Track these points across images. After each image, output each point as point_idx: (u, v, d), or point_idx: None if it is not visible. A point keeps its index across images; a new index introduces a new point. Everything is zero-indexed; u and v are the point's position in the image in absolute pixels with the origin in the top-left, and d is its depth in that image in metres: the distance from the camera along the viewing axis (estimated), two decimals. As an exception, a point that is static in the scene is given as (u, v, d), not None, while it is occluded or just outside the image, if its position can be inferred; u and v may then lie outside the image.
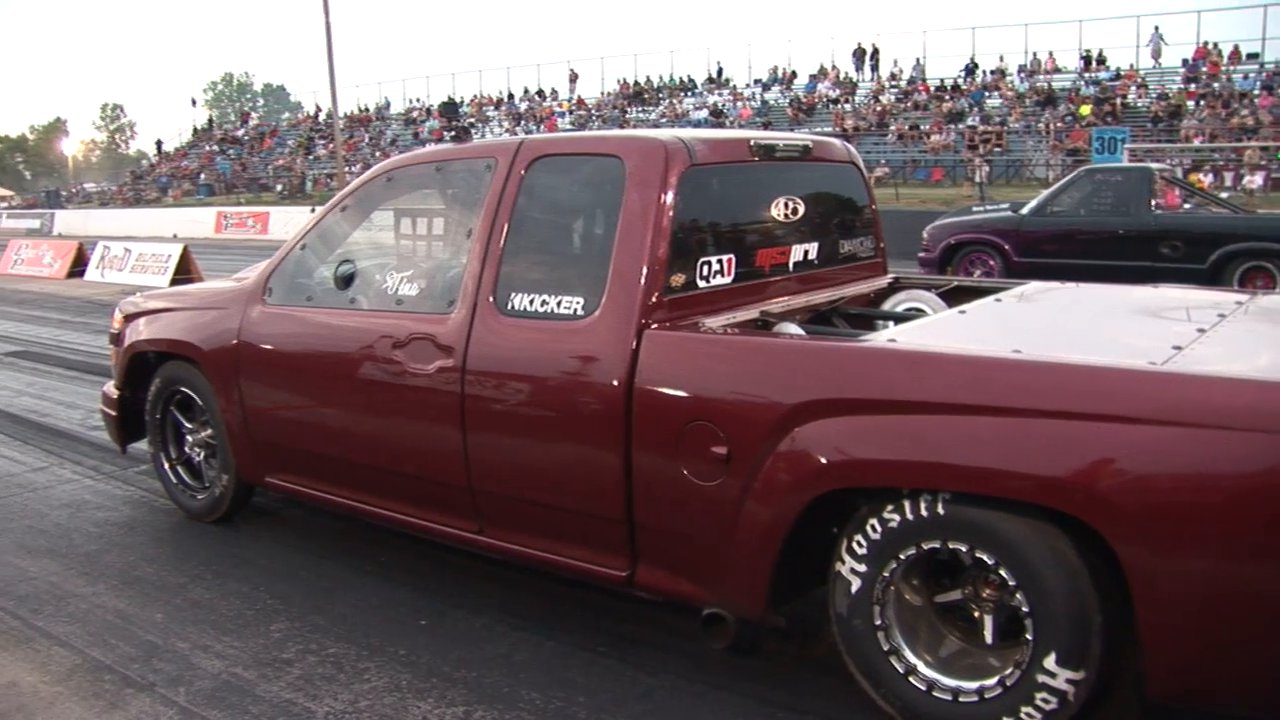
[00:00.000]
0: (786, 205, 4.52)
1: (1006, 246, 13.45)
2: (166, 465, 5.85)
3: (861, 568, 3.41)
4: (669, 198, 3.86)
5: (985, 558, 3.18)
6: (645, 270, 3.79)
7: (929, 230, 14.52)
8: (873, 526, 3.36)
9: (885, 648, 3.42)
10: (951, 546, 3.24)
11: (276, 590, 4.78)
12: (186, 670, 4.06)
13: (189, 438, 5.74)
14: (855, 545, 3.41)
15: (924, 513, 3.25)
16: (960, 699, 3.29)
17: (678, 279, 3.91)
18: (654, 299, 3.80)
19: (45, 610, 4.64)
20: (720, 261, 4.13)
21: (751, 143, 4.42)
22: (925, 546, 3.29)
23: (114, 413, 6.13)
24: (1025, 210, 13.77)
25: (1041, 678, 3.10)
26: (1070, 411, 3.00)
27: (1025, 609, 3.13)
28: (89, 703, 3.84)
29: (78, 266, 21.90)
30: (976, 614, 3.37)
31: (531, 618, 4.41)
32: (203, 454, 5.70)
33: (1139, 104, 36.34)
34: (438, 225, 5.12)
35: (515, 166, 4.27)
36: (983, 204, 19.44)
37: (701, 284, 4.03)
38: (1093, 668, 3.05)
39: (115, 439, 6.28)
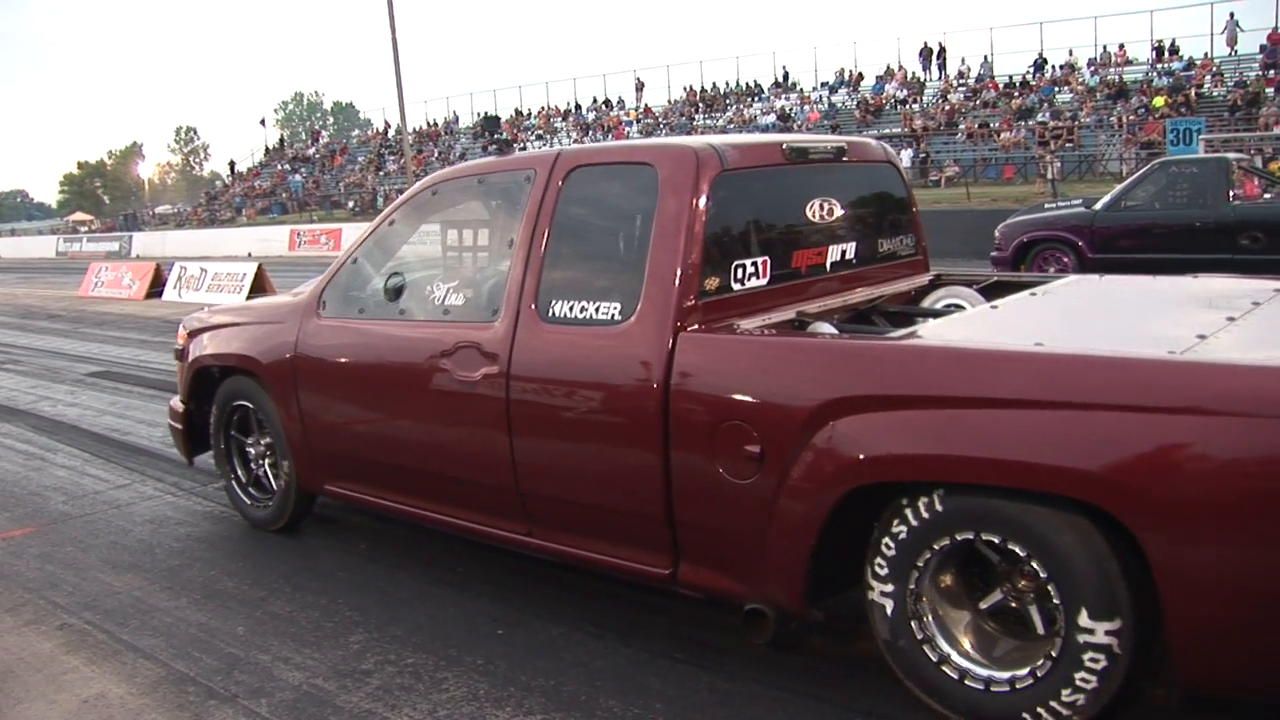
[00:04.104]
0: (822, 207, 4.56)
1: (1080, 243, 13.22)
2: (233, 480, 5.99)
3: (888, 587, 3.47)
4: (702, 203, 3.92)
5: (1016, 549, 3.19)
6: (679, 274, 3.85)
7: (1001, 229, 14.31)
8: (906, 516, 3.39)
9: (934, 658, 3.44)
10: (962, 538, 3.29)
11: (354, 602, 4.82)
12: (268, 682, 4.10)
13: (251, 450, 5.86)
14: (885, 549, 3.45)
15: (939, 508, 3.29)
16: (1018, 686, 3.28)
17: (712, 282, 3.96)
18: (689, 302, 3.86)
19: (131, 624, 4.72)
20: (755, 264, 4.17)
21: (784, 146, 4.46)
22: (959, 537, 3.31)
23: (180, 426, 6.30)
24: (1099, 206, 13.52)
25: (1082, 638, 3.08)
26: (1089, 402, 3.02)
27: (1043, 574, 3.14)
28: (174, 714, 3.90)
29: (156, 287, 22.36)
30: (1015, 605, 3.38)
31: (608, 625, 4.41)
32: (266, 464, 5.81)
33: (1215, 93, 35.60)
34: (481, 236, 5.24)
35: (554, 177, 4.35)
36: (1055, 201, 19.11)
37: (737, 286, 4.08)
38: (1127, 615, 3.02)
39: (182, 451, 6.44)
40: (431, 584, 4.99)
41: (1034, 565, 3.16)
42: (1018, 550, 3.18)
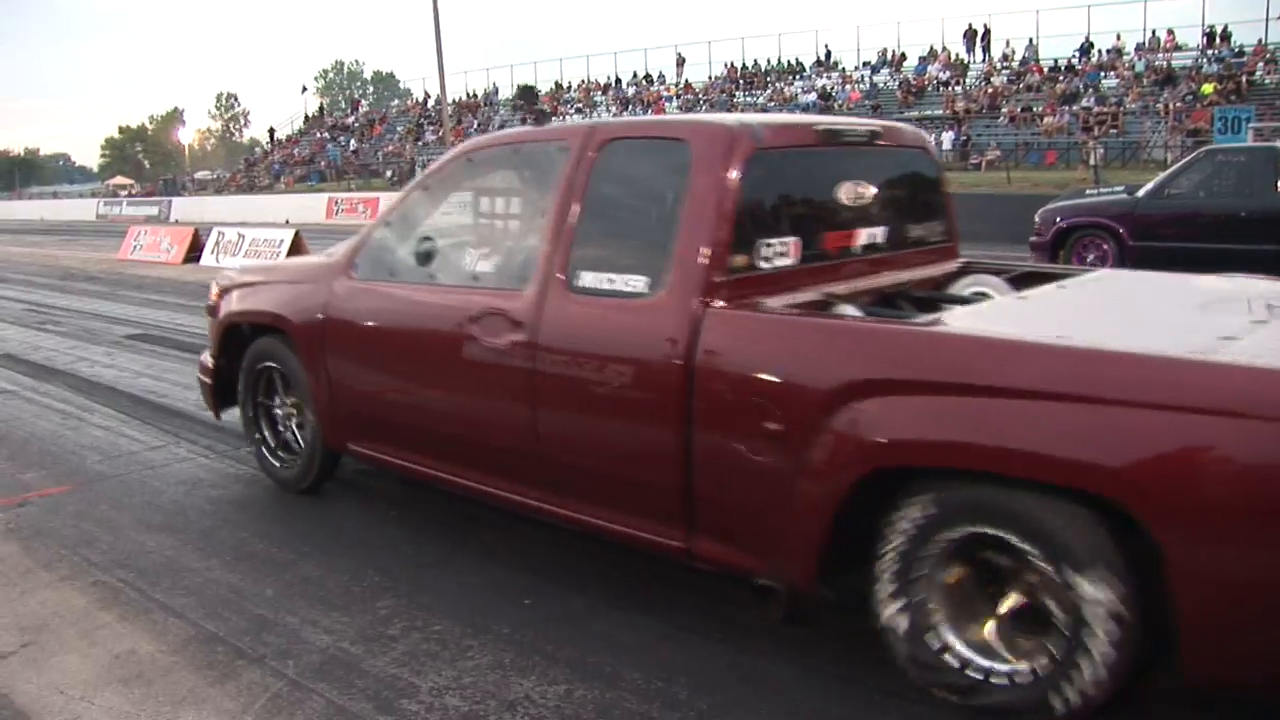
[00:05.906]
0: (853, 189, 4.53)
1: (1121, 230, 13.09)
2: (259, 438, 6.08)
3: (897, 568, 3.47)
4: (733, 181, 3.91)
5: (1028, 545, 3.18)
6: (708, 250, 3.85)
7: (1041, 214, 14.21)
8: (921, 502, 3.38)
9: (935, 646, 3.44)
10: (975, 529, 3.29)
11: (383, 568, 4.86)
12: (295, 644, 4.14)
13: (279, 411, 5.94)
14: (898, 534, 3.45)
15: (954, 497, 3.30)
16: (1017, 680, 3.29)
17: (741, 260, 3.95)
18: (716, 279, 3.85)
19: (163, 583, 4.77)
20: (784, 244, 4.15)
21: (818, 127, 4.46)
22: (971, 529, 3.30)
23: (209, 380, 6.40)
24: (1141, 193, 13.37)
25: (1087, 637, 3.08)
26: (1108, 398, 3.01)
27: (1051, 570, 3.13)
28: (203, 672, 3.94)
29: (194, 252, 22.52)
30: (1024, 599, 3.36)
31: (634, 598, 4.42)
32: (293, 423, 5.88)
33: (1267, 80, 35.04)
34: (514, 204, 5.26)
35: (587, 149, 4.35)
36: (1097, 187, 18.92)
37: (764, 265, 4.07)
38: (1128, 579, 3.02)
39: (210, 405, 6.56)
40: (461, 552, 5.01)
41: (1043, 562, 3.15)
42: (1029, 546, 3.17)
